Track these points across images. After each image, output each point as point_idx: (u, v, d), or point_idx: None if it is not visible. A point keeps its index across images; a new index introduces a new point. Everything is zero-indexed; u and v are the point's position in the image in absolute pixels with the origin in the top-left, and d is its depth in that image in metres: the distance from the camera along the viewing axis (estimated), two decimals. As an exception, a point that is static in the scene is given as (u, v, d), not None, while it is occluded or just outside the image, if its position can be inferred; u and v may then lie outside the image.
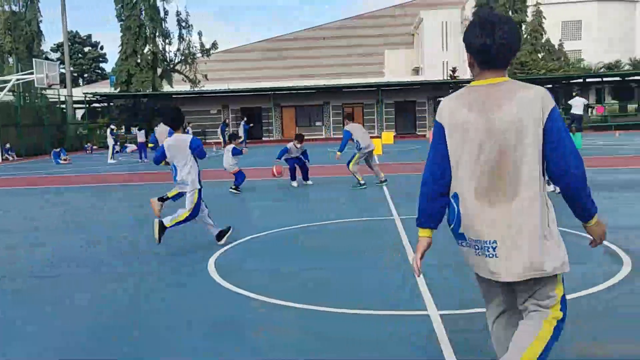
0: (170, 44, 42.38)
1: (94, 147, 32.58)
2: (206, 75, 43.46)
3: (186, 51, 42.79)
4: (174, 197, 6.94)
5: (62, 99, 35.86)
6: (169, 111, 6.46)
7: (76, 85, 62.12)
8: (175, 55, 43.15)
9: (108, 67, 72.32)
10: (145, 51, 40.26)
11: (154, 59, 40.42)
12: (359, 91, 39.34)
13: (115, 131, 24.26)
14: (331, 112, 39.54)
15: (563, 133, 2.28)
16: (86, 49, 73.71)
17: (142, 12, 40.08)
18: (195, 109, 39.16)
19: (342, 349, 3.48)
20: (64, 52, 40.58)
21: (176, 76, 44.52)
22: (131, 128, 38.78)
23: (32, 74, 28.75)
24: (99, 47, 75.03)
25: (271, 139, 38.75)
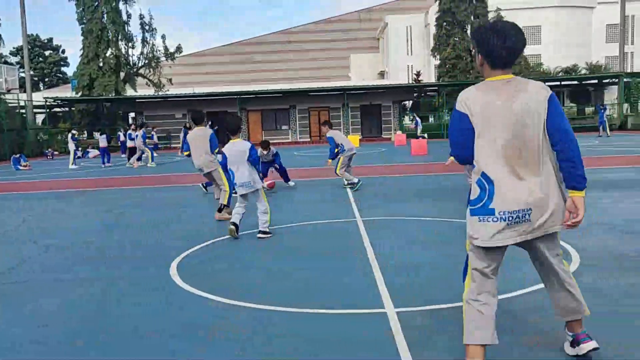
0: (133, 47, 41.77)
1: (55, 152, 31.88)
2: (171, 80, 42.98)
3: (150, 55, 42.24)
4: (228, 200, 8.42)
5: (22, 103, 34.94)
6: (232, 120, 6.98)
7: (37, 89, 60.62)
8: (139, 59, 42.55)
9: (70, 71, 70.99)
10: (108, 55, 39.56)
11: (116, 62, 39.75)
12: (325, 95, 39.53)
13: (76, 136, 23.78)
14: (297, 115, 39.63)
15: (561, 111, 2.83)
16: (47, 53, 72.07)
17: (104, 15, 39.41)
18: (160, 114, 38.75)
19: (297, 347, 3.55)
20: (23, 56, 39.62)
21: (140, 80, 43.93)
22: (94, 133, 38.11)
23: (-10, 78, 28.02)
24: (60, 51, 73.50)
25: (237, 143, 38.44)
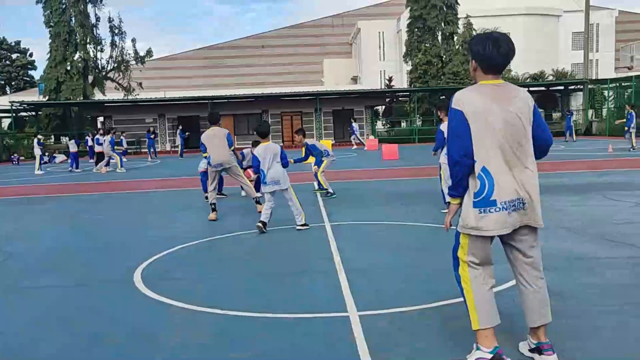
0: (102, 50, 41.19)
1: (20, 158, 31.20)
2: (141, 84, 42.50)
3: (119, 58, 41.68)
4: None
5: (-13, 107, 34.22)
6: (262, 125, 7.91)
7: (3, 93, 59.31)
8: (108, 62, 41.95)
9: (37, 74, 69.52)
10: (76, 58, 38.92)
11: (85, 66, 39.13)
12: (298, 100, 39.54)
13: (42, 141, 23.30)
14: (270, 120, 39.54)
15: (541, 117, 3.18)
16: (14, 56, 70.47)
17: (72, 18, 38.79)
18: (130, 118, 38.15)
19: (258, 353, 3.52)
20: (-12, 59, 38.75)
21: (109, 84, 43.30)
22: (61, 138, 37.41)
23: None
24: (28, 54, 71.98)
25: (209, 147, 38.17)
